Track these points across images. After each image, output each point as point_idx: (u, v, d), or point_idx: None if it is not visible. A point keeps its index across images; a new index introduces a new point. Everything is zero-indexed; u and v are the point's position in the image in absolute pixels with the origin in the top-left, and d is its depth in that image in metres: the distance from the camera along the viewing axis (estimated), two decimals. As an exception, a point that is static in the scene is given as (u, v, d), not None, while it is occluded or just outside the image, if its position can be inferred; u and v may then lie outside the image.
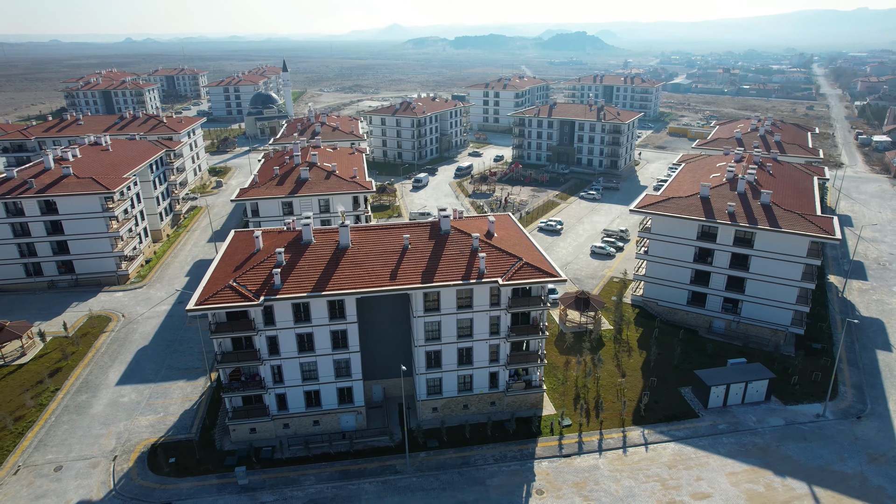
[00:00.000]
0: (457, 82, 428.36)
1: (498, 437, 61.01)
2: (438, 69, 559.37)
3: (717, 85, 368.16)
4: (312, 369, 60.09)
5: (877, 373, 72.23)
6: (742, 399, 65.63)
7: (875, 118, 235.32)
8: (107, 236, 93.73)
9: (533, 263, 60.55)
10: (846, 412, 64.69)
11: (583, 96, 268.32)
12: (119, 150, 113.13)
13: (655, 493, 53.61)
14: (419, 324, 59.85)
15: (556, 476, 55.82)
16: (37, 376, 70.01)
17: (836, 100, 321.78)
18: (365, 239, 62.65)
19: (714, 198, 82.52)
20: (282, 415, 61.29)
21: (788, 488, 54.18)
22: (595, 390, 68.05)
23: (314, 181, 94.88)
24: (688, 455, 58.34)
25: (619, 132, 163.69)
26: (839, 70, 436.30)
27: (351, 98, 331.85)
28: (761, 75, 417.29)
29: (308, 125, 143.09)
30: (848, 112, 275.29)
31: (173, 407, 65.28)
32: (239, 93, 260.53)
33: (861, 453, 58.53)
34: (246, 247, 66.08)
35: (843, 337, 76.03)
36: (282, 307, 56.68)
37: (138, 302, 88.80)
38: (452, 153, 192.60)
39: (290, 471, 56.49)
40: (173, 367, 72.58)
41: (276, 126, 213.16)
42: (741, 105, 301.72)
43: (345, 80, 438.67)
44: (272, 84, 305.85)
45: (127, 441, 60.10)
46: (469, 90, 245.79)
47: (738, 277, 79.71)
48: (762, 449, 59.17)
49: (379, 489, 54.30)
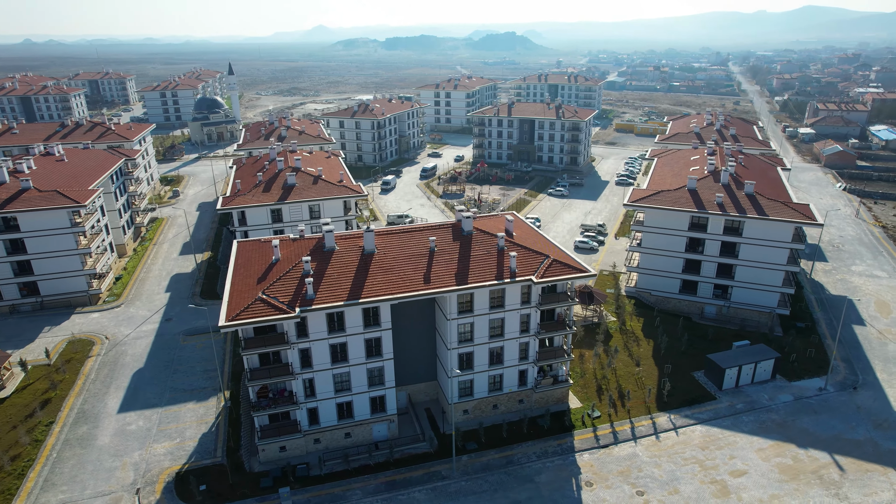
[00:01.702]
0: (395, 83, 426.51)
1: (533, 434, 61.38)
2: (374, 70, 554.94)
3: (650, 82, 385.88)
4: (346, 380, 58.19)
5: (858, 346, 78.04)
6: (752, 379, 69.23)
7: (797, 112, 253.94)
8: (76, 253, 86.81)
9: (560, 260, 61.33)
10: (843, 384, 69.56)
11: (528, 95, 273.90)
12: (75, 160, 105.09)
13: (697, 475, 55.63)
14: (452, 326, 59.23)
15: (600, 467, 56.83)
16: (24, 410, 63.88)
17: (757, 95, 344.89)
18: (390, 243, 61.31)
19: (701, 189, 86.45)
20: (313, 430, 58.97)
21: (813, 459, 57.67)
22: (615, 380, 69.76)
23: (301, 187, 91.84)
24: (716, 436, 60.89)
25: (578, 129, 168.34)
26: (754, 68, 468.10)
27: (293, 101, 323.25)
28: (686, 73, 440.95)
29: (271, 129, 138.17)
30: (770, 107, 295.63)
31: (189, 431, 61.38)
32: (178, 97, 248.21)
33: (866, 421, 63.13)
34: (259, 257, 63.13)
35: (821, 314, 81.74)
36: (316, 318, 54.56)
37: (120, 322, 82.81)
38: (412, 154, 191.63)
39: (332, 487, 54.47)
40: (178, 388, 68.22)
41: (224, 131, 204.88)
42: (674, 101, 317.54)
43: (280, 83, 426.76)
44: (210, 88, 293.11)
45: (147, 471, 55.97)
46: (420, 91, 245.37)
47: (728, 264, 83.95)
48: (780, 424, 62.65)
49: (430, 497, 53.34)
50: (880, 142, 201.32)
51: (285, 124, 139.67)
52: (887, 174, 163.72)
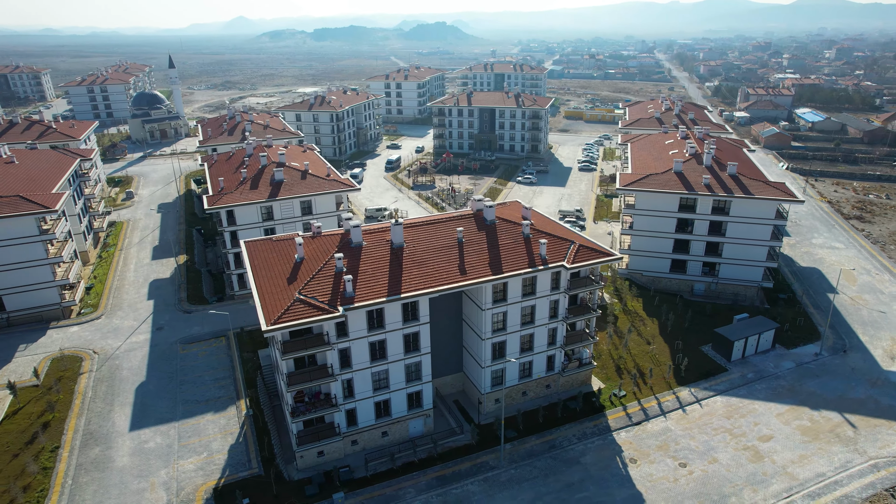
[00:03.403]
0: (332, 75, 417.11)
1: (567, 417, 62.30)
2: (307, 62, 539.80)
3: (586, 70, 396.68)
4: (384, 378, 56.80)
5: (837, 313, 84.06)
6: (756, 349, 73.21)
7: (729, 96, 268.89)
8: (46, 263, 79.75)
9: (586, 245, 62.28)
10: (834, 349, 74.83)
11: (475, 84, 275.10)
12: (27, 162, 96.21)
13: (730, 443, 58.36)
14: (487, 316, 58.98)
15: (639, 443, 58.52)
16: (23, 436, 58.25)
17: (687, 81, 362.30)
18: (416, 236, 60.08)
19: (687, 172, 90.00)
20: (351, 431, 57.27)
21: (827, 419, 61.83)
22: (630, 360, 71.86)
23: (290, 182, 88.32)
24: (736, 405, 64.05)
25: (538, 117, 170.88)
26: (680, 56, 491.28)
27: (229, 95, 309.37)
28: (618, 61, 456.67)
29: (234, 124, 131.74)
30: (702, 92, 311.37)
31: (215, 444, 58.06)
32: (108, 93, 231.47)
33: (863, 381, 68.28)
34: (277, 256, 60.33)
35: (798, 284, 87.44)
36: (356, 316, 52.81)
37: (105, 335, 76.91)
38: (370, 147, 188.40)
39: (383, 488, 53.19)
40: (190, 400, 64.28)
41: (168, 128, 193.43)
42: (613, 88, 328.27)
43: (211, 77, 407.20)
44: (141, 82, 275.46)
45: (180, 490, 52.55)
46: (369, 82, 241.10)
47: (716, 243, 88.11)
48: (790, 389, 66.71)
49: (483, 488, 53.14)
50: (806, 123, 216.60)
51: (247, 118, 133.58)
52: (820, 153, 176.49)
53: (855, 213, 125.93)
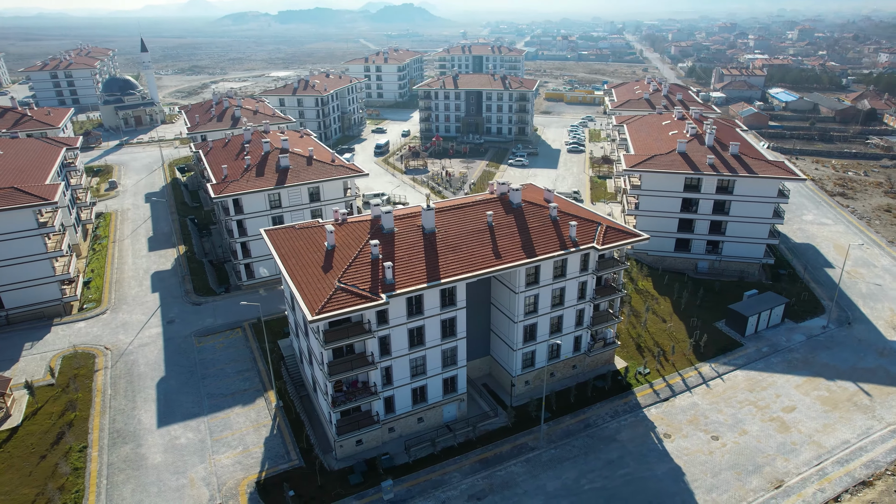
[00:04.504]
0: (302, 59, 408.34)
1: (597, 396, 63.27)
2: (274, 46, 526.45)
3: (559, 52, 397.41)
4: (421, 364, 56.59)
5: (835, 286, 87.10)
6: (767, 324, 75.44)
7: (704, 76, 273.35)
8: (46, 257, 76.51)
9: (612, 226, 62.86)
10: (839, 321, 77.66)
11: (454, 67, 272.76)
12: (12, 151, 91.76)
13: (756, 415, 60.26)
14: (520, 299, 59.17)
15: (670, 418, 59.91)
16: (47, 437, 56.19)
17: (659, 62, 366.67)
18: (446, 221, 59.60)
19: (691, 152, 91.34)
20: (389, 418, 57.04)
21: (843, 389, 64.34)
22: (648, 338, 73.25)
23: (297, 169, 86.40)
24: (756, 379, 66.06)
25: (525, 100, 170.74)
26: (650, 37, 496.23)
27: (200, 80, 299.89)
28: (589, 42, 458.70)
29: (221, 110, 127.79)
30: (675, 73, 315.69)
31: (249, 437, 57.07)
32: (73, 78, 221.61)
33: (871, 351, 71.15)
34: (303, 244, 59.15)
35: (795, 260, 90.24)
36: (396, 303, 52.30)
37: (115, 330, 74.43)
38: (355, 132, 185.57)
39: (427, 473, 53.27)
40: (215, 394, 62.92)
41: (143, 115, 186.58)
42: (589, 69, 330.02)
43: (177, 62, 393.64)
44: (106, 67, 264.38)
45: (221, 485, 51.61)
46: (348, 65, 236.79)
47: (719, 221, 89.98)
48: (804, 361, 69.09)
49: (527, 469, 53.73)
50: (780, 103, 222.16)
51: (235, 104, 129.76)
52: (797, 132, 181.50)
53: (838, 189, 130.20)
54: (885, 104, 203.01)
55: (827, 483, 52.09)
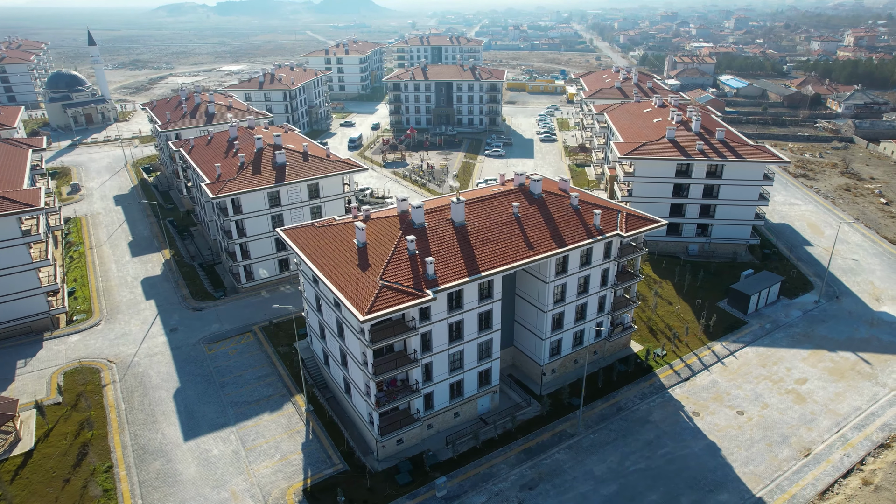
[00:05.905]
0: (250, 52, 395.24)
1: (622, 380, 64.73)
2: (219, 39, 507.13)
3: (512, 42, 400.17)
4: (459, 358, 56.32)
5: (817, 263, 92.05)
6: (765, 302, 78.99)
7: (657, 64, 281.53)
8: (32, 267, 71.51)
9: (631, 213, 64.16)
10: (828, 296, 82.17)
11: (413, 58, 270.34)
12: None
13: (773, 388, 63.17)
14: (549, 289, 59.67)
15: (695, 397, 62.02)
16: (67, 459, 52.76)
17: (609, 51, 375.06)
18: (473, 214, 59.28)
19: (680, 139, 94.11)
20: (428, 415, 56.61)
21: (845, 359, 68.25)
22: (659, 320, 75.41)
23: (294, 165, 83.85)
24: (766, 354, 69.19)
25: (496, 90, 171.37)
26: (597, 26, 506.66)
27: (146, 75, 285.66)
28: (539, 31, 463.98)
29: (193, 106, 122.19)
30: (626, 61, 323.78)
31: (285, 444, 55.39)
32: (7, 73, 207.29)
33: (862, 323, 75.68)
34: (329, 242, 57.68)
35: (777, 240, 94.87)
36: (438, 298, 51.71)
37: (114, 342, 70.44)
38: (323, 125, 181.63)
39: (474, 467, 53.24)
40: (239, 402, 60.65)
41: (94, 113, 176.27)
42: (543, 59, 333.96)
43: (116, 56, 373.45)
44: (42, 62, 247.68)
45: (266, 495, 49.93)
46: (308, 58, 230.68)
47: (708, 205, 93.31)
48: (805, 335, 72.84)
49: (571, 455, 54.51)
50: (731, 89, 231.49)
51: (208, 99, 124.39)
52: (751, 116, 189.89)
53: (800, 171, 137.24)
54: (827, 90, 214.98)
55: (850, 448, 55.29)
